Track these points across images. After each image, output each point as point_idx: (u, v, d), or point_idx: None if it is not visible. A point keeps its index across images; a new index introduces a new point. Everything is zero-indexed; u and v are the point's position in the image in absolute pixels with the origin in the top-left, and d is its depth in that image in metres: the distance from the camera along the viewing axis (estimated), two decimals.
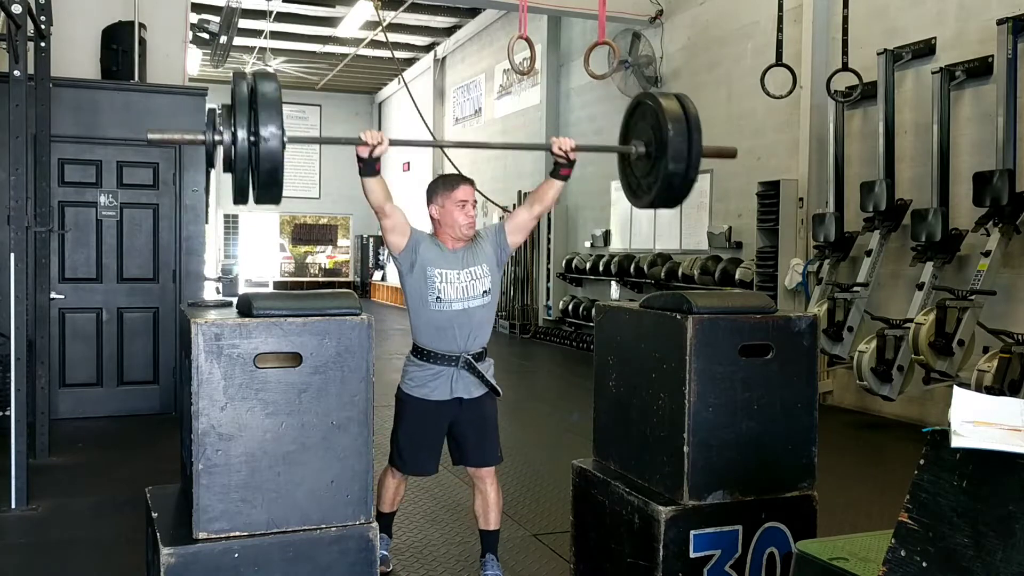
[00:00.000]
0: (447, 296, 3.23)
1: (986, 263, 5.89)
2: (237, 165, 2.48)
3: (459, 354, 3.26)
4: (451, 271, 3.25)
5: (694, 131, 2.97)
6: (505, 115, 14.49)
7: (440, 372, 3.27)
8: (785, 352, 2.70)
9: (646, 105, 3.12)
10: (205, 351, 2.20)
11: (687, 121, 2.98)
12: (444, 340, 3.26)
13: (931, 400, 6.52)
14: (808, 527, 2.72)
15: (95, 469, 5.22)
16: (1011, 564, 1.37)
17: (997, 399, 1.56)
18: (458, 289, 3.24)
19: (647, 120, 3.10)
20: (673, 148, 2.94)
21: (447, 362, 3.26)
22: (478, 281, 3.28)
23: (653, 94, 3.12)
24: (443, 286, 3.23)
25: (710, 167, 9.35)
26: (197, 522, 2.20)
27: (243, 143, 2.47)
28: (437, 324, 3.26)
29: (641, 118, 3.15)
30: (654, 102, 3.05)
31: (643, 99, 3.17)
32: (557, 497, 4.49)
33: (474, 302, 3.26)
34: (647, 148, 3.09)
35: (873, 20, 7.28)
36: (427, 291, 3.24)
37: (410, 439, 3.36)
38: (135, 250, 6.66)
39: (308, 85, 19.57)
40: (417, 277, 3.25)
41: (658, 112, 3.00)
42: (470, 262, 3.28)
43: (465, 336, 3.26)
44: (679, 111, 2.99)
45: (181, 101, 6.80)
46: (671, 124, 2.95)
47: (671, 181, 2.99)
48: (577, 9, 10.08)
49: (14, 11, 4.24)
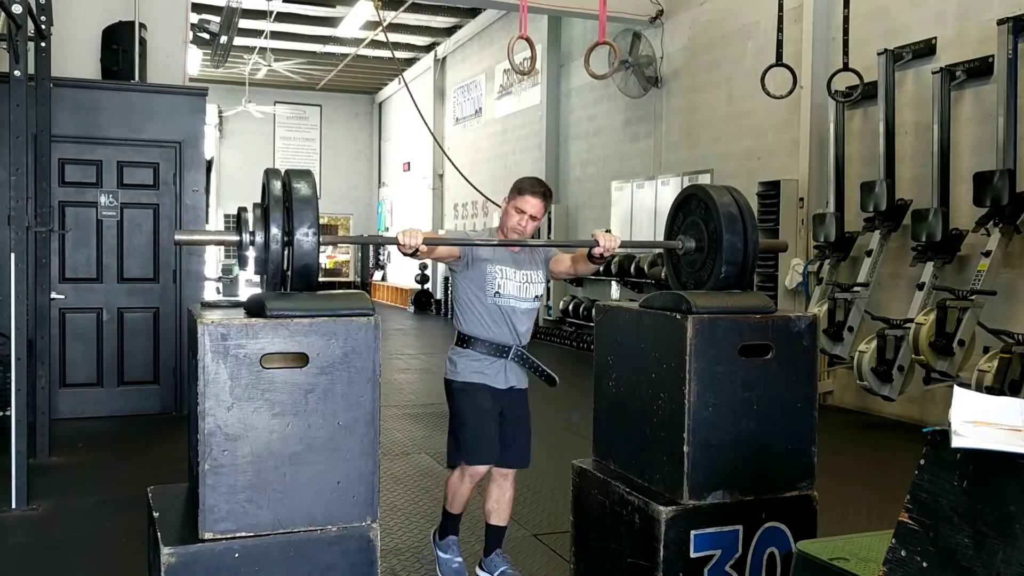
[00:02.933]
0: (506, 292, 3.35)
1: (986, 263, 5.89)
2: (269, 268, 2.36)
3: (512, 344, 3.36)
4: (509, 269, 3.37)
5: (750, 229, 2.82)
6: (505, 115, 14.50)
7: (494, 361, 3.35)
8: (785, 352, 2.70)
9: (696, 199, 2.96)
10: (211, 351, 2.19)
11: (743, 220, 2.82)
12: (499, 331, 3.36)
13: (931, 400, 6.52)
14: (808, 527, 2.71)
15: (95, 469, 5.22)
16: (1011, 564, 1.37)
17: (997, 399, 1.56)
18: (515, 287, 3.36)
19: (697, 214, 2.94)
20: (728, 246, 2.77)
21: (500, 352, 3.35)
22: (532, 285, 3.41)
23: (704, 187, 2.95)
24: (503, 282, 3.35)
25: (710, 167, 9.36)
26: (203, 522, 2.20)
27: (276, 244, 2.32)
28: (493, 316, 3.35)
29: (691, 211, 2.98)
30: (706, 196, 2.89)
31: (694, 191, 2.99)
32: (557, 497, 4.49)
33: (524, 304, 3.38)
34: (698, 244, 2.92)
35: (873, 20, 7.28)
36: (486, 285, 3.34)
37: (478, 424, 3.32)
38: (135, 250, 6.66)
39: (308, 85, 19.58)
40: (475, 273, 3.34)
41: (710, 207, 2.84)
42: (526, 266, 3.41)
43: (515, 330, 3.38)
44: (734, 208, 2.83)
45: (181, 101, 6.81)
46: (725, 222, 2.78)
47: (726, 280, 2.82)
48: (577, 9, 10.09)
49: (14, 11, 4.25)
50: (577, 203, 12.34)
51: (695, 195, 2.96)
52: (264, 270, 2.38)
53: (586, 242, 3.14)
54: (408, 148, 18.92)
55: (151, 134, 6.62)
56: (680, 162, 9.93)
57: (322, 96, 20.67)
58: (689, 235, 2.96)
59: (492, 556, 3.48)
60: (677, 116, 10.05)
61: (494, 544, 3.49)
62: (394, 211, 20.12)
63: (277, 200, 2.33)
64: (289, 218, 2.31)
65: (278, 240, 2.32)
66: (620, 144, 11.13)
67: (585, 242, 3.17)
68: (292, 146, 20.85)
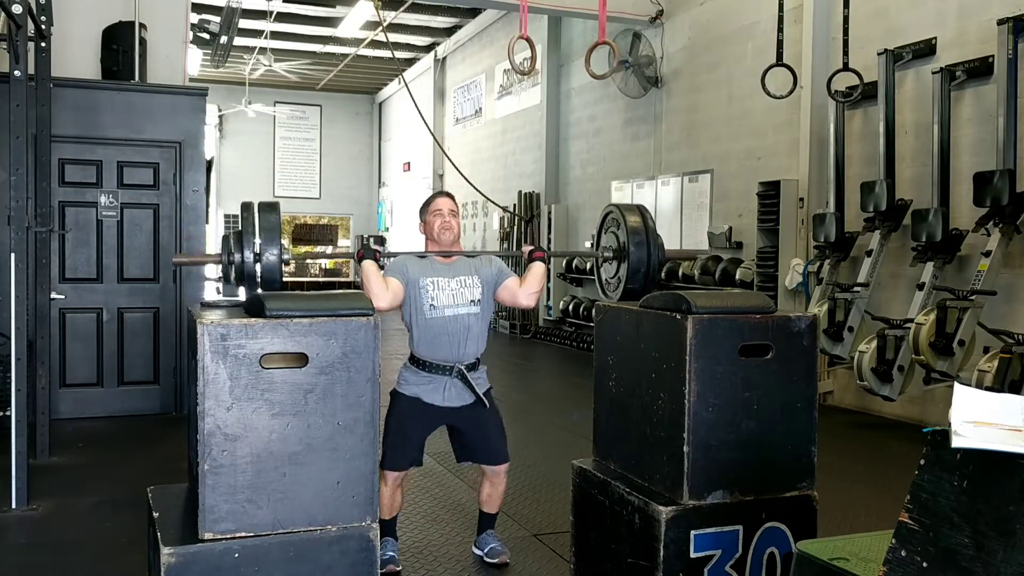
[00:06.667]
0: (440, 302, 3.43)
1: (986, 263, 5.89)
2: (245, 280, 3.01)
3: (453, 364, 3.44)
4: (442, 279, 3.46)
5: (652, 243, 3.33)
6: (505, 115, 14.49)
7: (433, 379, 3.46)
8: (785, 352, 2.70)
9: (612, 216, 3.51)
10: (211, 351, 2.20)
11: (647, 234, 3.34)
12: (439, 349, 3.44)
13: (931, 400, 6.52)
14: (808, 527, 2.71)
15: (95, 469, 5.22)
16: (1011, 564, 1.37)
17: (998, 396, 1.56)
18: (449, 295, 3.44)
19: (614, 228, 3.49)
20: (634, 258, 3.31)
21: (441, 371, 3.45)
22: (467, 289, 3.48)
23: (619, 206, 3.48)
24: (436, 293, 3.44)
25: (710, 167, 9.36)
26: (203, 522, 2.20)
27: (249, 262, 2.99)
28: (432, 333, 3.44)
29: (610, 225, 3.53)
30: (619, 213, 3.43)
31: (611, 209, 3.54)
32: (557, 497, 4.49)
33: (462, 309, 3.45)
34: (614, 253, 3.45)
35: (873, 20, 7.28)
36: (422, 300, 3.43)
37: (400, 433, 3.48)
38: (135, 250, 6.66)
39: (308, 85, 19.57)
40: (411, 292, 3.44)
41: (621, 223, 3.39)
42: (460, 272, 3.50)
43: (458, 344, 3.45)
44: (640, 225, 3.35)
45: (181, 101, 6.81)
46: (632, 236, 3.33)
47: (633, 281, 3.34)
48: (577, 9, 10.09)
49: (14, 11, 4.25)
50: (577, 203, 12.34)
51: (611, 212, 3.52)
52: (241, 281, 3.00)
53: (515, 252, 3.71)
54: (408, 148, 18.91)
55: (151, 134, 6.62)
56: (680, 162, 9.93)
57: (322, 96, 20.65)
58: (607, 245, 3.50)
59: (484, 535, 3.72)
60: (677, 116, 10.05)
61: (486, 526, 3.73)
62: (394, 211, 20.11)
63: (249, 228, 2.97)
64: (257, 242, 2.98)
65: (250, 259, 2.96)
66: (620, 144, 11.13)
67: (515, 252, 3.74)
68: (292, 146, 20.83)
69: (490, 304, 3.55)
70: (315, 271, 23.08)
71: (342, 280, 21.90)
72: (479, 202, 14.83)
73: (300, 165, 20.71)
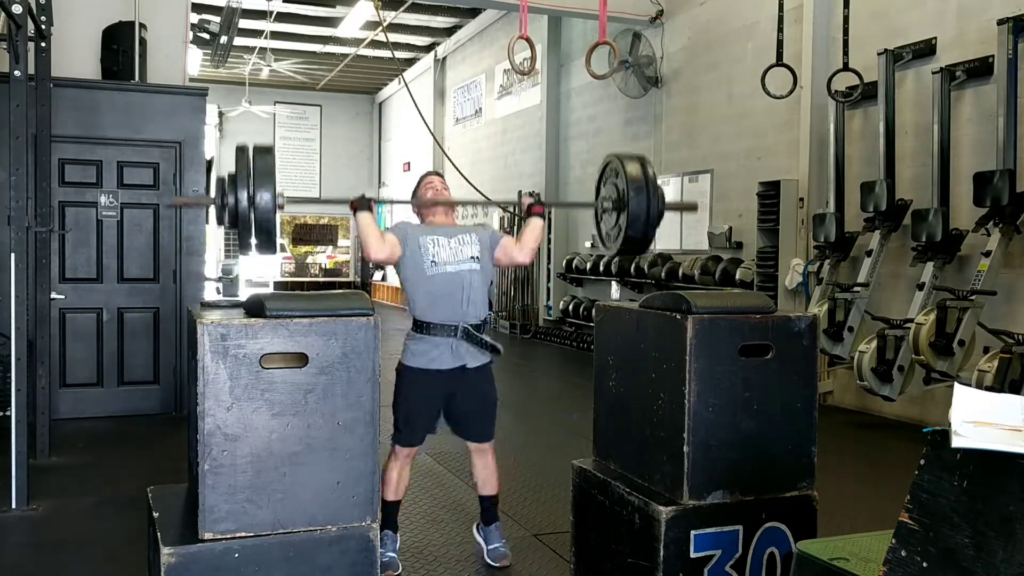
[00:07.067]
0: (441, 259, 3.43)
1: (986, 263, 5.89)
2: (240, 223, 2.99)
3: (457, 323, 3.42)
4: (442, 238, 3.48)
5: (652, 192, 3.30)
6: (505, 115, 14.49)
7: (440, 343, 3.43)
8: (785, 352, 2.70)
9: (611, 166, 3.47)
10: (211, 351, 2.20)
11: (646, 182, 3.31)
12: (442, 309, 3.42)
13: (931, 400, 6.52)
14: (808, 527, 2.72)
15: (95, 469, 5.22)
16: (1012, 564, 1.37)
17: (998, 396, 1.56)
18: (449, 252, 3.45)
19: (613, 179, 3.46)
20: (634, 205, 3.29)
21: (446, 332, 3.42)
22: (466, 247, 3.49)
23: (619, 155, 3.44)
24: (436, 250, 3.44)
25: (710, 167, 9.36)
26: (203, 522, 2.20)
27: (244, 206, 2.96)
28: (434, 292, 3.43)
29: (609, 176, 3.50)
30: (618, 164, 3.39)
31: (611, 160, 3.49)
32: (557, 497, 4.49)
33: (464, 265, 3.45)
34: (614, 204, 3.42)
35: (873, 20, 7.28)
36: (423, 259, 3.43)
37: (410, 408, 3.46)
38: (135, 250, 6.66)
39: (308, 85, 19.56)
40: (412, 252, 3.45)
41: (622, 173, 3.35)
42: (458, 232, 3.54)
43: (460, 302, 3.43)
44: (640, 174, 3.32)
45: (181, 101, 6.81)
46: (632, 184, 3.29)
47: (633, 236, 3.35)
48: (577, 9, 10.08)
49: (14, 11, 4.25)
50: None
51: (611, 162, 3.47)
52: (235, 224, 2.97)
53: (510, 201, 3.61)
54: (408, 148, 18.91)
55: (151, 134, 6.62)
56: (680, 162, 9.93)
57: (322, 96, 20.65)
58: (607, 196, 3.46)
59: (491, 528, 3.68)
60: (677, 116, 10.05)
61: (490, 517, 3.69)
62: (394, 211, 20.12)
63: (244, 171, 2.93)
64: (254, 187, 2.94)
65: (244, 203, 2.92)
66: (620, 144, 11.12)
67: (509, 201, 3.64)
68: (292, 146, 20.83)
69: (489, 266, 3.56)
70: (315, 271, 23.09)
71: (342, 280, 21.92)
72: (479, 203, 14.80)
73: (300, 165, 20.71)
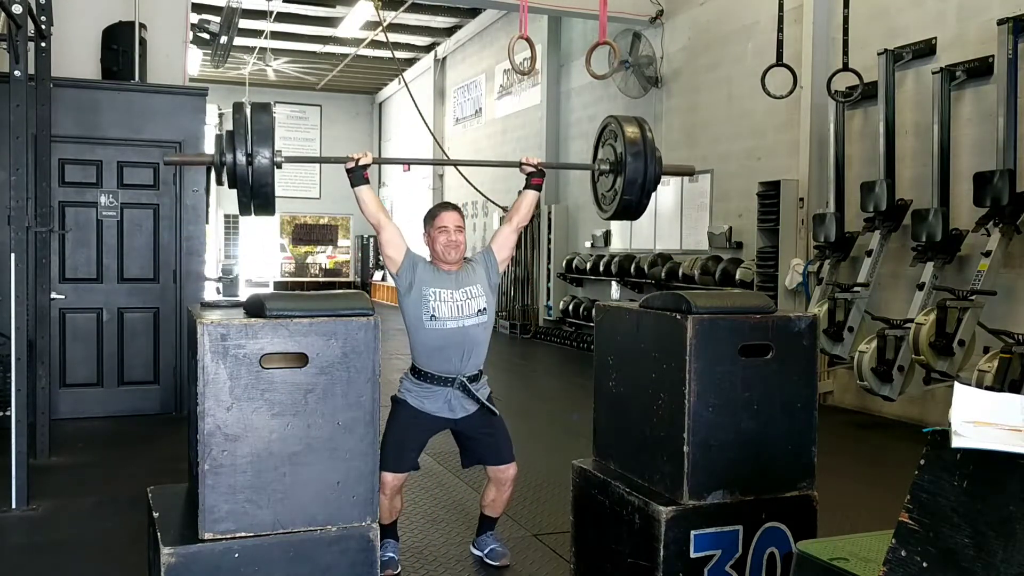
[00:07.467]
0: (441, 315, 3.31)
1: (986, 263, 5.89)
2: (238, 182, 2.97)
3: (454, 376, 3.35)
4: (445, 291, 3.34)
5: (650, 155, 3.30)
6: (505, 115, 14.49)
7: (435, 392, 3.37)
8: (785, 352, 2.70)
9: (610, 128, 3.46)
10: (211, 351, 2.20)
11: (644, 145, 3.29)
12: (440, 361, 3.35)
13: (931, 400, 6.52)
14: (808, 527, 2.72)
15: (95, 469, 5.22)
16: (1012, 564, 1.37)
17: (998, 395, 1.56)
18: (452, 308, 3.33)
19: (611, 141, 3.45)
20: (631, 169, 3.28)
21: (442, 383, 3.36)
22: (473, 300, 3.38)
23: (617, 117, 3.43)
24: (436, 304, 3.32)
25: (710, 167, 9.35)
26: (203, 522, 2.20)
27: (242, 163, 2.93)
28: (432, 344, 3.34)
29: (607, 138, 3.48)
30: (617, 126, 3.38)
31: (609, 121, 3.47)
32: (557, 497, 4.49)
33: (469, 320, 3.35)
34: (611, 166, 3.40)
35: (873, 20, 7.28)
36: (422, 311, 3.33)
37: (396, 437, 3.40)
38: (135, 250, 6.65)
39: (308, 85, 19.57)
40: (414, 298, 3.35)
41: (620, 136, 3.34)
42: (465, 282, 3.39)
43: (460, 356, 3.35)
44: (639, 136, 3.31)
45: (181, 101, 6.80)
46: (630, 147, 3.28)
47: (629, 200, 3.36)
48: (577, 9, 10.08)
49: (14, 11, 4.24)
50: (577, 203, 12.33)
51: (609, 124, 3.46)
52: (234, 184, 2.95)
53: (512, 162, 3.70)
54: (408, 148, 18.91)
55: (151, 134, 6.62)
56: (680, 162, 9.89)
57: (322, 96, 20.66)
58: (604, 158, 3.45)
59: (483, 536, 3.67)
60: (677, 116, 10.05)
61: (487, 528, 3.68)
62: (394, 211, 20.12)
63: (242, 129, 2.91)
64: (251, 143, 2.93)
65: (242, 160, 2.90)
66: None
67: (510, 162, 3.74)
68: (292, 146, 20.78)
69: (494, 306, 3.49)
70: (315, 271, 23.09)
71: (342, 280, 21.91)
72: (479, 202, 14.81)
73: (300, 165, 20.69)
